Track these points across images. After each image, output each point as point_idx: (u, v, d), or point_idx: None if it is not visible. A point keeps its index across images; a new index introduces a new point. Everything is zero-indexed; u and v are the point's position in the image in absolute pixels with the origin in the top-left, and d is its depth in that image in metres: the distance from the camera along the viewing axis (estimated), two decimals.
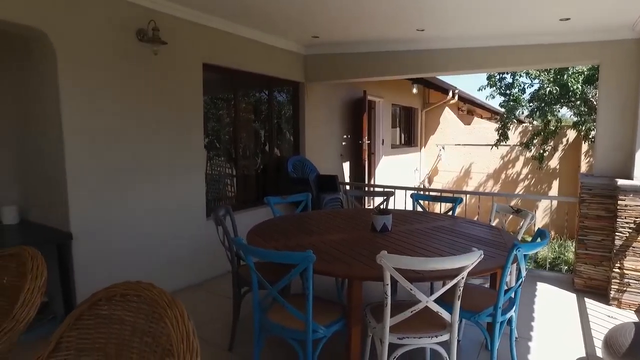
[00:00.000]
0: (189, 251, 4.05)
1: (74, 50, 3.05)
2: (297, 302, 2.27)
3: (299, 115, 5.91)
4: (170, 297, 1.37)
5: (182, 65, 3.89)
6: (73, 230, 3.07)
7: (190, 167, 4.05)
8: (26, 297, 1.64)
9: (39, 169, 3.33)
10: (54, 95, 3.02)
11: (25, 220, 3.43)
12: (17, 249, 1.90)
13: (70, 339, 1.51)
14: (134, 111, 3.49)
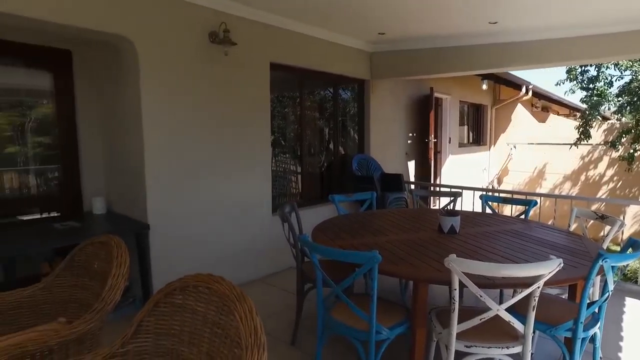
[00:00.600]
0: (253, 246, 4.19)
1: (153, 53, 3.26)
2: (361, 302, 2.26)
3: (364, 113, 5.87)
4: (240, 291, 1.41)
5: (250, 65, 4.01)
6: (150, 221, 3.30)
7: (258, 163, 4.18)
8: (113, 282, 1.78)
9: (123, 164, 3.62)
10: (136, 96, 3.25)
11: (111, 211, 3.74)
12: (105, 237, 2.07)
13: (149, 323, 1.62)
14: (206, 110, 3.67)
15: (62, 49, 3.69)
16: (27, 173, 5.17)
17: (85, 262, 2.17)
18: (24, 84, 4.63)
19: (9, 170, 5.36)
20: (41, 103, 5.33)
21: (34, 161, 5.03)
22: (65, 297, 2.18)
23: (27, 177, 5.34)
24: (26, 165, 5.37)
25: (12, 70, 4.24)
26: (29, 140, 5.30)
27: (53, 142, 4.32)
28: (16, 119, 5.62)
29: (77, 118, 3.79)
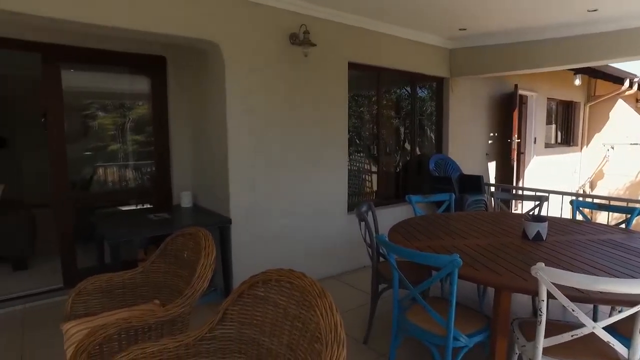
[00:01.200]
0: (329, 243, 4.25)
1: (237, 56, 3.44)
2: (437, 306, 2.20)
3: (442, 112, 5.68)
4: (321, 287, 1.45)
5: (328, 65, 4.07)
6: (232, 216, 3.49)
7: (334, 162, 4.23)
8: (201, 271, 1.92)
9: (208, 162, 3.87)
10: (221, 97, 3.46)
11: (196, 205, 4.02)
12: (194, 229, 2.24)
13: (234, 312, 1.72)
14: (285, 110, 3.79)
15: (158, 55, 4.03)
16: (127, 168, 5.72)
17: (176, 251, 2.36)
18: (127, 88, 5.14)
19: (111, 165, 5.98)
20: (138, 105, 5.87)
21: (131, 157, 5.56)
22: (159, 282, 2.39)
23: (126, 172, 5.91)
24: (125, 161, 5.96)
25: (118, 77, 4.73)
26: (127, 139, 5.87)
27: (148, 141, 4.74)
28: (118, 120, 6.25)
29: (169, 118, 4.12)
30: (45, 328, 3.15)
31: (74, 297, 2.17)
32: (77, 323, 2.07)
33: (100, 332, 1.68)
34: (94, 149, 5.80)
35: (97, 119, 6.43)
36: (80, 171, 4.98)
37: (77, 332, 1.97)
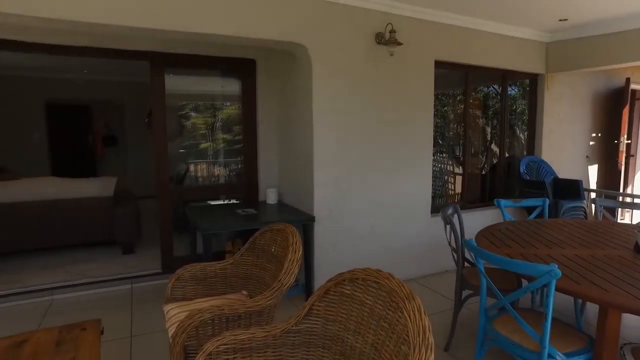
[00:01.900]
0: (411, 245, 4.17)
1: (324, 57, 3.51)
2: (528, 318, 2.06)
3: (536, 111, 5.28)
4: (409, 289, 1.44)
5: (414, 64, 3.99)
6: (316, 214, 3.58)
7: (419, 163, 4.13)
8: (289, 266, 1.99)
9: (294, 160, 4.00)
10: (308, 97, 3.56)
11: (281, 202, 4.18)
12: (282, 225, 2.33)
13: (319, 308, 1.76)
14: (370, 110, 3.79)
15: (249, 58, 4.25)
16: (216, 165, 6.12)
17: (264, 245, 2.47)
18: (219, 90, 5.50)
19: (202, 162, 6.43)
20: (227, 105, 6.24)
21: (220, 155, 5.93)
22: (247, 274, 2.53)
23: (216, 169, 6.32)
24: (214, 158, 6.37)
25: (211, 80, 5.09)
26: (217, 137, 6.27)
27: (236, 139, 5.03)
28: (208, 120, 6.72)
29: (257, 118, 4.33)
30: (149, 306, 3.50)
31: (173, 282, 2.38)
32: (176, 305, 2.27)
33: (197, 316, 1.82)
34: (187, 146, 6.30)
35: (190, 119, 6.97)
36: (176, 167, 5.43)
37: (177, 313, 2.16)
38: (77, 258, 4.67)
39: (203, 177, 6.67)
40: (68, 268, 4.36)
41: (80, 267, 4.40)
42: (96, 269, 4.35)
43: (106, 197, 4.84)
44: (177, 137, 6.22)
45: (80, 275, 4.16)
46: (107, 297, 3.74)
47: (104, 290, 3.86)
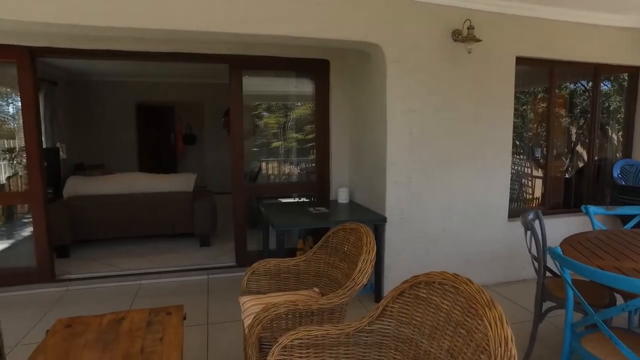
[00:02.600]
0: (483, 250, 3.98)
1: (399, 56, 3.47)
2: (628, 340, 1.87)
3: (635, 109, 4.78)
4: (489, 297, 1.38)
5: (493, 61, 3.79)
6: (387, 214, 3.55)
7: (496, 165, 3.92)
8: (362, 266, 2.00)
9: (366, 160, 4.00)
10: (381, 97, 3.53)
11: (352, 201, 4.19)
12: (355, 225, 2.34)
13: (393, 309, 1.74)
14: (446, 109, 3.67)
15: (322, 59, 4.31)
16: (287, 164, 6.30)
17: (337, 244, 2.50)
18: (291, 91, 5.66)
19: (274, 161, 6.65)
20: (298, 105, 6.40)
21: (292, 154, 6.10)
22: (319, 271, 2.57)
23: (287, 167, 6.50)
24: (285, 157, 6.57)
25: (285, 81, 5.25)
26: (288, 137, 6.46)
27: (307, 139, 5.14)
28: (280, 119, 6.93)
29: (330, 118, 4.38)
30: (223, 296, 3.69)
31: (249, 275, 2.49)
32: (251, 298, 2.37)
33: (273, 310, 1.89)
34: (259, 145, 6.55)
35: (263, 119, 7.23)
36: (249, 165, 5.66)
37: (252, 305, 2.25)
38: (160, 248, 5.05)
39: (274, 175, 6.89)
40: (153, 256, 4.73)
41: (163, 256, 4.76)
42: (176, 258, 4.67)
43: (187, 192, 5.19)
44: (250, 136, 6.49)
45: (164, 263, 4.49)
46: (185, 285, 4.00)
47: (183, 279, 4.13)
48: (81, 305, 3.53)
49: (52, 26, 2.92)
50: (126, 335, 2.03)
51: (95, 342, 1.97)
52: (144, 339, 1.99)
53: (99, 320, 2.18)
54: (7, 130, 6.60)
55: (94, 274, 4.18)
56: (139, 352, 1.89)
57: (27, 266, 4.00)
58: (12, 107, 6.85)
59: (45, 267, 3.93)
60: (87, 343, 1.95)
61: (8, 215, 6.27)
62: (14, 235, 5.71)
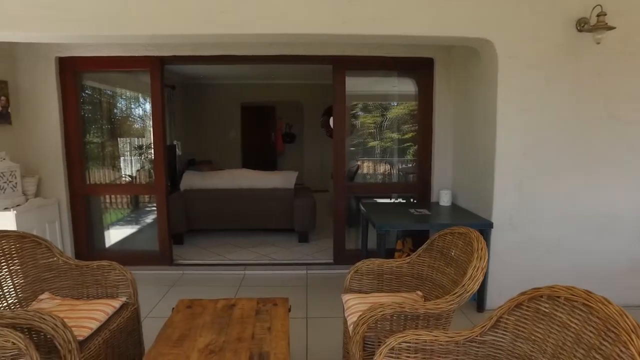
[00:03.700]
0: (609, 265, 3.52)
1: (512, 52, 3.22)
2: None
3: None
4: (635, 321, 1.22)
5: (632, 50, 3.31)
6: (494, 219, 3.32)
7: (632, 169, 3.43)
8: (473, 273, 1.90)
9: (471, 161, 3.80)
10: (491, 95, 3.32)
11: (454, 204, 4.01)
12: (465, 229, 2.23)
13: (509, 322, 1.63)
14: (567, 108, 3.31)
15: (426, 57, 4.19)
16: (385, 163, 6.25)
17: (443, 248, 2.41)
18: (391, 90, 5.60)
19: (371, 160, 6.64)
20: (393, 105, 6.31)
21: (390, 154, 6.04)
22: (423, 275, 2.50)
23: (385, 167, 6.46)
24: (382, 157, 6.52)
25: (386, 80, 5.21)
26: (385, 136, 6.39)
27: (405, 138, 5.04)
28: (377, 119, 6.89)
29: (434, 118, 4.25)
30: (321, 292, 3.78)
31: (352, 274, 2.51)
32: (354, 297, 2.39)
33: (379, 310, 1.88)
34: (355, 145, 6.58)
35: (360, 118, 7.24)
36: (347, 164, 5.70)
37: (356, 304, 2.27)
38: (261, 241, 5.34)
39: (371, 174, 6.89)
40: (255, 249, 5.02)
41: (264, 249, 5.02)
42: (276, 252, 4.90)
43: (288, 189, 5.41)
44: (348, 135, 6.55)
45: (265, 256, 4.74)
46: (285, 278, 4.18)
47: (283, 272, 4.32)
48: (194, 288, 3.88)
49: (179, 37, 3.22)
50: (238, 320, 2.18)
51: (212, 323, 2.14)
52: (254, 327, 2.12)
53: (214, 305, 2.37)
54: (135, 130, 7.51)
55: (204, 261, 4.56)
56: (250, 337, 2.01)
57: (151, 250, 4.51)
58: (140, 109, 7.80)
59: (165, 252, 4.39)
60: (205, 324, 2.14)
61: (134, 204, 7.13)
62: (140, 222, 6.47)
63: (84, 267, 2.51)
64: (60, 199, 4.23)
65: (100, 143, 5.40)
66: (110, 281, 2.49)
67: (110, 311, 2.28)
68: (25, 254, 2.41)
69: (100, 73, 4.67)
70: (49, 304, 2.33)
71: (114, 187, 5.26)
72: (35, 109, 4.11)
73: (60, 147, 4.19)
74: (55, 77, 4.10)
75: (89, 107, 4.93)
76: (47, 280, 2.48)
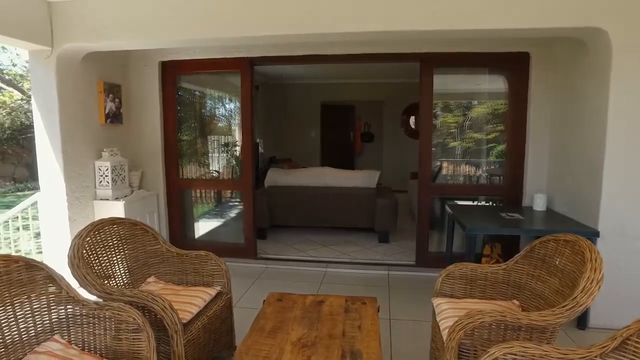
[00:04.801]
0: None
1: (629, 41, 2.88)
2: None
3: None
4: None
5: None
6: (601, 228, 3.01)
7: None
8: (586, 285, 1.74)
9: (572, 164, 3.47)
10: (603, 91, 3.00)
11: (550, 209, 3.70)
12: (572, 236, 2.05)
13: (638, 347, 1.46)
14: None
15: (521, 52, 3.91)
16: (469, 164, 5.97)
17: (545, 256, 2.24)
18: (476, 88, 5.31)
19: (454, 161, 6.37)
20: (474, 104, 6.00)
21: (471, 154, 5.75)
22: (520, 283, 2.34)
23: (468, 168, 6.16)
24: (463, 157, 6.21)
25: (472, 78, 4.96)
26: (467, 136, 6.09)
27: (490, 138, 4.77)
28: (458, 118, 6.60)
29: (528, 116, 3.96)
30: (404, 294, 3.71)
31: (443, 277, 2.42)
32: (447, 301, 2.30)
33: (478, 317, 1.79)
34: (435, 145, 6.35)
35: (440, 118, 6.97)
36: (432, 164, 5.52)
37: (449, 309, 2.19)
38: (341, 239, 5.37)
39: (451, 175, 6.61)
40: (335, 247, 5.06)
41: (345, 247, 5.04)
42: (357, 251, 4.90)
43: (370, 188, 5.38)
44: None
45: (346, 255, 4.76)
46: (367, 277, 4.15)
47: (364, 271, 4.29)
48: (278, 282, 4.00)
49: (268, 38, 3.32)
50: (327, 317, 2.21)
51: (302, 318, 2.19)
52: (344, 324, 2.12)
53: (303, 300, 2.42)
54: (221, 128, 7.96)
55: (287, 256, 4.69)
56: (341, 335, 2.02)
57: (237, 242, 4.73)
58: (226, 109, 8.25)
59: (250, 246, 4.59)
60: (296, 318, 2.19)
61: (217, 199, 7.55)
62: (224, 216, 6.83)
63: (183, 255, 2.70)
64: (159, 192, 4.60)
65: (190, 140, 5.79)
66: (206, 270, 2.65)
67: (208, 298, 2.42)
68: (136, 240, 2.65)
69: (192, 75, 4.99)
70: (154, 287, 2.54)
71: (205, 182, 5.59)
72: (141, 110, 4.51)
73: (160, 144, 4.56)
74: (158, 80, 4.47)
75: (182, 107, 5.30)
76: (153, 265, 2.70)
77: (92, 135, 3.93)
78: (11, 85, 10.84)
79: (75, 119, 3.71)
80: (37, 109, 3.58)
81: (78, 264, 2.19)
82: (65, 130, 3.61)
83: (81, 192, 3.82)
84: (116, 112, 4.22)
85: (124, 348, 1.86)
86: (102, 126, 4.06)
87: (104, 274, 2.42)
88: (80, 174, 3.81)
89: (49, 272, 1.94)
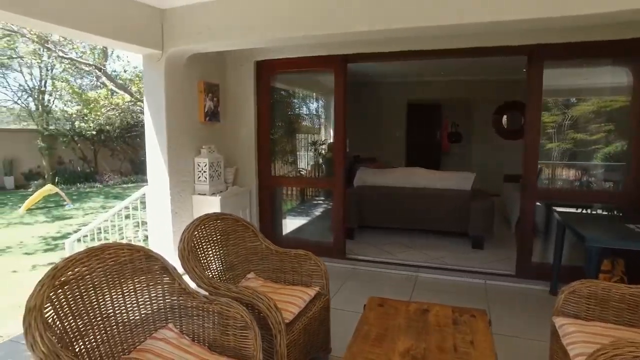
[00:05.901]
0: None
1: None
2: None
3: None
4: None
5: None
6: None
7: None
8: None
9: None
10: None
11: None
12: None
13: None
14: None
15: None
16: (574, 168, 5.40)
17: None
18: (584, 83, 4.75)
19: (556, 164, 5.81)
20: (573, 102, 5.40)
21: (570, 156, 5.20)
22: None
23: (573, 172, 5.58)
24: (561, 159, 5.65)
25: (580, 72, 4.44)
26: (567, 136, 5.53)
27: (597, 139, 4.23)
28: (556, 117, 5.99)
29: None
30: (505, 307, 3.39)
31: (566, 294, 2.15)
32: (572, 322, 2.03)
33: (629, 349, 1.53)
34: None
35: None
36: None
37: (577, 332, 1.93)
38: (432, 243, 5.12)
39: (549, 179, 6.07)
40: (426, 251, 4.83)
41: (435, 252, 4.79)
42: (448, 257, 4.63)
43: (465, 190, 5.07)
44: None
45: (437, 259, 4.52)
46: (461, 286, 3.88)
47: (458, 279, 4.03)
48: (368, 284, 3.90)
49: (359, 34, 3.19)
50: (434, 328, 2.05)
51: (407, 327, 2.06)
52: (454, 338, 1.96)
53: (406, 307, 2.29)
54: (309, 127, 8.06)
55: (375, 258, 4.57)
56: (452, 349, 1.87)
57: (325, 241, 4.71)
58: (314, 107, 8.35)
59: (339, 245, 4.54)
60: (400, 326, 2.07)
61: (302, 197, 7.64)
62: (309, 214, 6.90)
63: (282, 253, 2.70)
64: (252, 188, 4.73)
65: (279, 139, 5.90)
66: (305, 270, 2.62)
67: (307, 299, 2.39)
68: (237, 235, 2.71)
69: (283, 74, 5.05)
70: (254, 284, 2.57)
71: (295, 180, 5.67)
72: (237, 108, 4.67)
73: (254, 142, 4.68)
74: (253, 79, 4.59)
75: (273, 106, 5.42)
76: (253, 261, 2.74)
77: (192, 133, 4.14)
78: (122, 89, 11.99)
79: (179, 117, 3.93)
80: (148, 109, 3.84)
81: (188, 256, 2.27)
82: (171, 128, 3.84)
83: (182, 187, 4.04)
84: (214, 110, 4.40)
85: (231, 343, 1.89)
86: (201, 124, 4.26)
87: (208, 267, 2.50)
88: (182, 169, 4.03)
89: (164, 263, 2.03)
